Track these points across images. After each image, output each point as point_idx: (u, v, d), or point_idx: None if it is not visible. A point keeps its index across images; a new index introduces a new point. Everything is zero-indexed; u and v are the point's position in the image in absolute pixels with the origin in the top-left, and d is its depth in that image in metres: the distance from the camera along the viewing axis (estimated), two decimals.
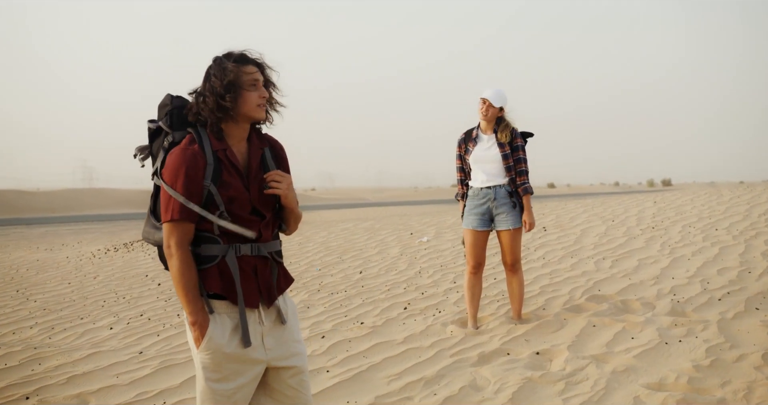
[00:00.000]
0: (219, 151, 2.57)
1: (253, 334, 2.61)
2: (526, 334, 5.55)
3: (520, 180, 5.80)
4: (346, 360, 5.25)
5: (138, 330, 6.81)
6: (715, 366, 4.49)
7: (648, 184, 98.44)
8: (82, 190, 64.88)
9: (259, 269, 2.66)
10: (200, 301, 2.54)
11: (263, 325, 2.64)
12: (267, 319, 2.66)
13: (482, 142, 5.88)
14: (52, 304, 8.49)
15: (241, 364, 2.59)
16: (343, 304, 7.27)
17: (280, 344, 2.68)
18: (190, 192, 2.52)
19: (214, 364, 2.56)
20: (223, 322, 2.57)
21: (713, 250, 8.38)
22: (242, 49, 2.63)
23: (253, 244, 2.63)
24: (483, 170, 5.83)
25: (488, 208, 5.82)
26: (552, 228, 11.26)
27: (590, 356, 4.85)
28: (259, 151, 2.69)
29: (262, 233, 2.64)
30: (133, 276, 10.15)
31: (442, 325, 6.06)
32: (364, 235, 12.32)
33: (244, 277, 2.60)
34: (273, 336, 2.67)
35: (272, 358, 2.65)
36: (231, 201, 2.57)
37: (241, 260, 2.60)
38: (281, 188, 2.63)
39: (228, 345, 2.55)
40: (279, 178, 2.64)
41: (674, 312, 5.85)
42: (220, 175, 2.55)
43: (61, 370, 5.46)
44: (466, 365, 4.91)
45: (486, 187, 5.82)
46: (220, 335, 2.55)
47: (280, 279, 2.74)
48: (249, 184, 2.62)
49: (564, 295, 6.75)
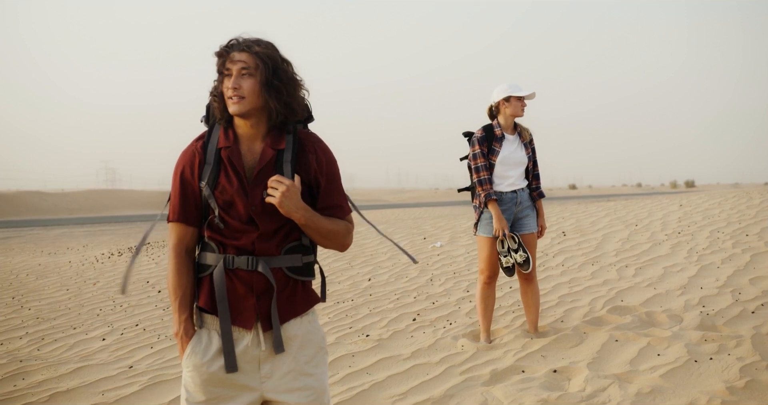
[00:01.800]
0: (223, 150, 2.32)
1: (247, 357, 2.29)
2: (543, 350, 5.17)
3: (535, 183, 5.60)
4: (348, 377, 4.91)
5: (131, 341, 6.50)
6: (751, 387, 4.12)
7: (671, 185, 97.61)
8: (103, 191, 65.33)
9: (255, 286, 2.30)
10: (186, 311, 2.32)
11: (262, 350, 2.30)
12: (268, 343, 2.30)
13: (509, 143, 5.51)
14: (47, 313, 8.23)
15: (226, 389, 2.28)
16: (348, 315, 6.91)
17: (281, 374, 2.31)
18: (184, 192, 2.34)
19: (195, 384, 2.29)
20: (211, 338, 2.31)
21: (744, 258, 7.93)
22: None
23: (251, 258, 2.29)
24: (509, 173, 5.49)
25: (512, 214, 5.48)
26: (572, 233, 10.84)
27: (612, 375, 4.48)
28: (270, 152, 2.32)
29: (256, 246, 2.29)
30: (134, 282, 9.88)
31: (452, 338, 5.69)
32: (375, 240, 11.97)
33: (236, 294, 2.30)
34: (274, 363, 2.31)
35: (269, 388, 2.30)
36: (228, 206, 2.30)
37: (235, 274, 2.30)
38: (275, 196, 2.24)
39: (209, 364, 2.27)
40: (275, 184, 2.24)
41: (704, 326, 5.47)
42: (217, 176, 2.31)
43: (45, 385, 5.17)
44: (477, 384, 4.56)
45: (512, 191, 5.48)
46: (201, 352, 2.29)
47: (296, 299, 2.36)
48: (249, 189, 2.30)
49: (584, 306, 6.36)
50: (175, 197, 2.36)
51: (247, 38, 2.31)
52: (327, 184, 2.38)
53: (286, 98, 2.32)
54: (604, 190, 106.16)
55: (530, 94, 5.47)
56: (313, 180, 2.37)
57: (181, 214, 2.34)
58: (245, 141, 2.35)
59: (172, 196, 2.38)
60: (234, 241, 2.30)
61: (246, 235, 2.30)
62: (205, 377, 2.28)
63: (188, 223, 2.35)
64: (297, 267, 2.36)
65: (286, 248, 2.34)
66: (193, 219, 2.35)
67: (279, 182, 2.25)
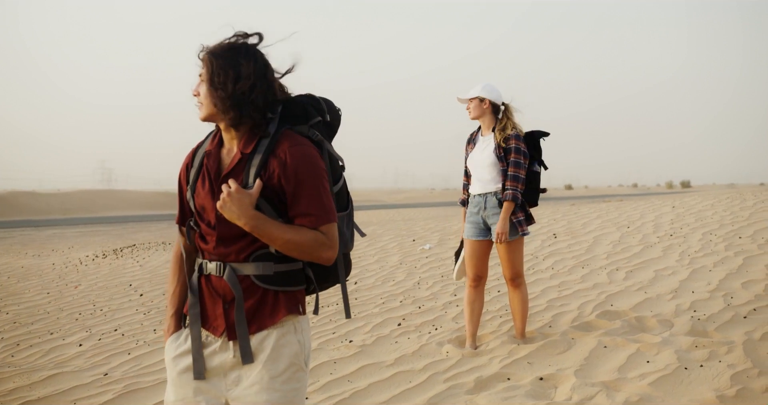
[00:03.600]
0: (206, 154, 2.33)
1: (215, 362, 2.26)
2: (530, 356, 5.06)
3: (508, 184, 5.23)
4: (329, 385, 4.79)
5: (108, 347, 6.35)
6: (742, 396, 4.04)
7: (667, 185, 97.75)
8: (98, 191, 65.03)
9: (224, 293, 2.24)
10: (173, 308, 2.39)
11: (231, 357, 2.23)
12: (235, 351, 2.23)
13: (479, 144, 5.40)
14: (24, 317, 8.07)
15: (191, 392, 2.26)
16: (332, 320, 6.76)
17: (247, 385, 2.22)
18: (181, 195, 2.40)
19: (170, 379, 2.32)
20: (186, 339, 2.31)
21: (737, 261, 7.82)
22: None
23: (219, 264, 2.25)
24: (477, 175, 5.37)
25: (482, 218, 5.32)
26: (562, 235, 10.72)
27: (600, 383, 4.37)
28: (238, 155, 2.24)
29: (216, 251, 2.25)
30: (116, 285, 9.74)
31: (437, 344, 5.56)
32: (364, 242, 11.84)
33: (208, 299, 2.28)
34: (242, 372, 2.22)
35: (233, 397, 2.23)
36: (202, 210, 2.30)
37: (209, 279, 2.29)
38: (219, 201, 2.17)
39: (177, 362, 2.30)
40: (224, 188, 2.15)
41: (694, 331, 5.36)
42: (196, 180, 2.32)
43: (17, 394, 5.03)
44: (461, 392, 4.45)
45: (478, 195, 5.35)
46: (174, 349, 2.32)
47: (265, 309, 2.23)
48: (216, 193, 2.26)
49: (573, 311, 6.23)
50: (178, 200, 2.42)
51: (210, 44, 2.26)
52: (295, 190, 2.21)
53: (235, 96, 2.21)
54: (600, 190, 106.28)
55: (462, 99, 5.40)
56: (276, 185, 2.22)
57: (180, 217, 2.42)
58: (227, 145, 2.32)
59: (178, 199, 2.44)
60: (204, 244, 2.30)
61: (211, 239, 2.27)
62: (173, 375, 2.30)
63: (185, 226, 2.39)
64: (267, 275, 2.23)
65: (254, 255, 2.23)
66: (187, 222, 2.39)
67: (227, 186, 2.17)
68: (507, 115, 5.35)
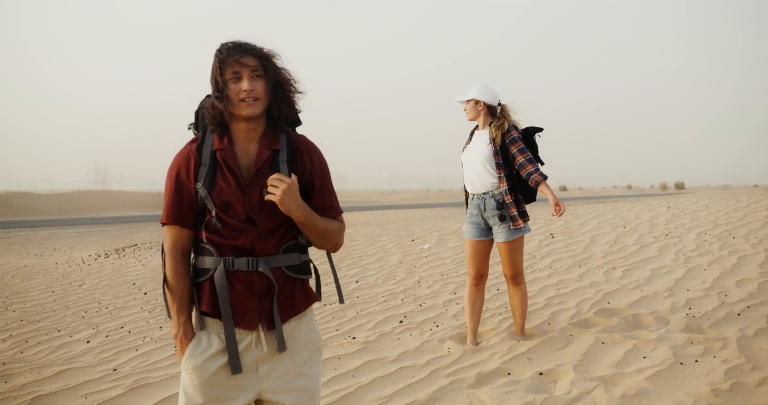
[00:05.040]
0: (217, 152, 2.36)
1: (247, 359, 2.32)
2: (529, 352, 5.17)
3: (524, 172, 5.25)
4: (334, 380, 4.89)
5: (116, 344, 6.45)
6: (736, 390, 4.13)
7: (661, 187, 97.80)
8: (93, 192, 64.91)
9: (256, 287, 2.32)
10: (185, 313, 2.35)
11: (262, 350, 2.32)
12: (269, 344, 2.33)
13: (474, 139, 5.47)
14: (31, 315, 8.16)
15: (225, 391, 2.30)
16: (335, 317, 6.88)
17: (278, 375, 2.34)
18: (180, 194, 2.35)
19: (194, 386, 2.30)
20: (210, 341, 2.33)
21: (731, 260, 7.94)
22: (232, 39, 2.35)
23: (251, 259, 2.31)
24: (473, 172, 5.41)
25: (482, 218, 5.41)
26: (560, 235, 10.84)
27: (598, 378, 4.48)
28: (266, 152, 2.35)
29: (255, 245, 2.31)
30: (120, 284, 9.83)
31: (439, 340, 5.67)
32: (363, 241, 11.95)
33: (237, 296, 2.32)
34: (271, 364, 2.33)
35: (265, 388, 2.33)
36: (226, 207, 2.32)
37: (236, 276, 2.32)
38: (276, 194, 2.26)
39: (209, 366, 2.30)
40: (276, 182, 2.26)
41: (690, 328, 5.48)
42: (214, 177, 2.34)
43: (28, 388, 5.12)
44: (463, 387, 4.55)
45: (476, 196, 5.42)
46: (201, 354, 2.31)
47: (295, 298, 2.38)
48: (247, 188, 2.32)
49: (571, 309, 6.35)
50: (170, 199, 2.37)
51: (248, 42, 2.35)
52: (321, 183, 2.43)
53: (289, 99, 2.39)
54: (595, 191, 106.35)
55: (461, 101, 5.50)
56: (308, 180, 2.41)
57: (177, 216, 2.36)
58: (240, 143, 2.38)
59: (167, 199, 2.39)
60: (232, 241, 2.32)
61: (244, 234, 2.32)
62: (203, 379, 2.29)
63: (183, 225, 2.36)
64: (296, 265, 2.39)
65: (284, 247, 2.37)
66: (188, 221, 2.36)
67: (280, 180, 2.27)
68: (504, 115, 5.43)
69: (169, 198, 2.38)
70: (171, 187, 2.38)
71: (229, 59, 2.31)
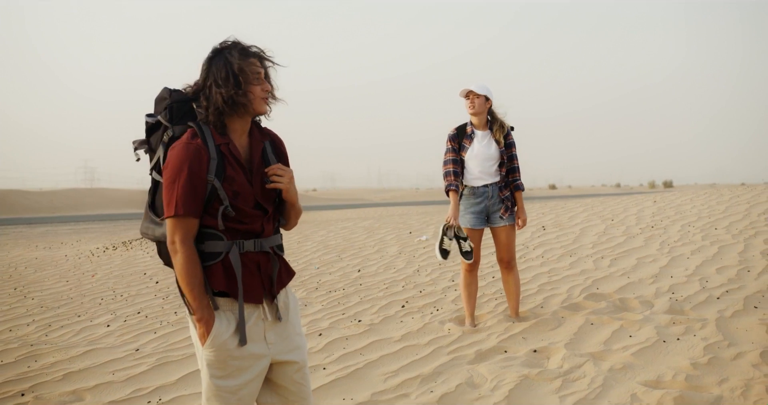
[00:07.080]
0: (222, 146, 2.55)
1: (256, 330, 2.61)
2: (524, 332, 5.52)
3: (512, 177, 5.85)
4: (343, 357, 5.23)
5: (135, 327, 6.79)
6: (713, 364, 4.47)
7: (649, 185, 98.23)
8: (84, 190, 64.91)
9: (261, 265, 2.65)
10: (206, 297, 2.52)
11: (266, 320, 2.65)
12: (270, 314, 2.66)
13: (478, 139, 5.86)
14: (50, 302, 8.48)
15: (244, 361, 2.58)
16: (340, 302, 7.25)
17: (282, 338, 2.68)
18: (194, 187, 2.48)
19: (219, 361, 2.55)
20: (228, 318, 2.57)
21: (712, 249, 8.35)
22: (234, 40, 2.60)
23: (256, 240, 2.62)
24: (481, 168, 5.80)
25: (485, 207, 5.80)
26: (551, 227, 11.24)
27: (588, 354, 4.83)
28: (260, 144, 2.68)
29: (264, 228, 2.64)
30: (131, 274, 10.14)
31: (439, 322, 6.03)
32: (363, 234, 12.30)
33: (247, 274, 2.59)
34: (275, 331, 2.67)
35: (275, 352, 2.66)
36: (236, 196, 2.55)
37: (245, 256, 2.59)
38: (283, 182, 2.62)
39: (231, 342, 2.55)
40: (281, 172, 2.62)
41: (672, 310, 5.83)
42: (224, 169, 2.53)
43: (57, 366, 5.45)
44: (463, 362, 4.89)
45: (483, 185, 5.80)
46: (225, 332, 2.54)
47: (282, 273, 2.73)
48: (252, 178, 2.60)
49: (562, 294, 6.73)
50: (183, 192, 2.47)
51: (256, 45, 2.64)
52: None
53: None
54: (584, 189, 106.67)
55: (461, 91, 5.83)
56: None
57: (192, 208, 2.48)
58: (235, 136, 2.62)
59: (178, 191, 2.47)
60: (243, 225, 2.57)
61: (255, 219, 2.60)
62: (226, 354, 2.54)
63: (196, 216, 2.51)
64: (280, 245, 2.76)
65: (275, 229, 2.74)
66: (199, 211, 2.51)
67: (283, 170, 2.64)
68: (494, 116, 5.90)
69: (181, 190, 2.47)
70: (184, 180, 2.47)
71: (249, 60, 2.55)
